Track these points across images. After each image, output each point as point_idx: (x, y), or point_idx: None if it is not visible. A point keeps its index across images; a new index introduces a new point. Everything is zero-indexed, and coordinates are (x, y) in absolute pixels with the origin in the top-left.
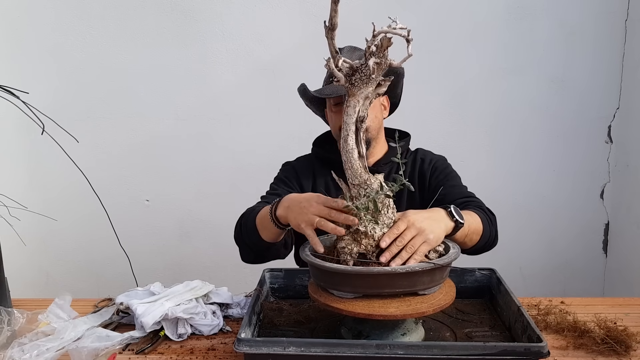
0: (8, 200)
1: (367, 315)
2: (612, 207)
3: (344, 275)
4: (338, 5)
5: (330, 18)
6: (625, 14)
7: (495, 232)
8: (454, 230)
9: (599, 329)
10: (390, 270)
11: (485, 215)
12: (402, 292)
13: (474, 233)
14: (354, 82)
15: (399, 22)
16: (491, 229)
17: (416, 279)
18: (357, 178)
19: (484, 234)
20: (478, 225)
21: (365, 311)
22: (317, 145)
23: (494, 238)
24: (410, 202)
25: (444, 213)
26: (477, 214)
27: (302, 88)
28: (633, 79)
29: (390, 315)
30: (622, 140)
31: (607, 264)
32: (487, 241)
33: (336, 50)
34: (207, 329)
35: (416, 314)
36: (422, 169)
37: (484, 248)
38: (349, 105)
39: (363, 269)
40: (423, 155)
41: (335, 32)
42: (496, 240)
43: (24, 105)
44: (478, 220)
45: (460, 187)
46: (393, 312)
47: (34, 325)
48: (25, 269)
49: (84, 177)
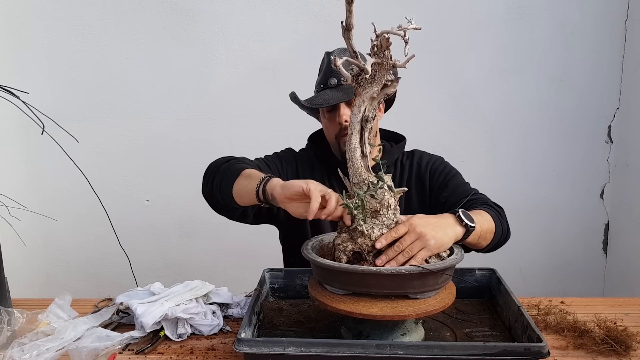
0: (8, 200)
1: (349, 312)
2: (612, 207)
3: (332, 272)
4: (352, 6)
5: (346, 19)
6: (625, 14)
7: (507, 226)
8: (466, 234)
9: (599, 329)
10: (375, 270)
11: (494, 210)
12: (391, 293)
13: (487, 232)
14: (360, 82)
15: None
16: (502, 224)
17: (404, 282)
18: (356, 177)
19: (496, 231)
20: (490, 224)
21: (348, 309)
22: (312, 142)
23: (507, 232)
24: (408, 206)
25: (452, 219)
26: (486, 212)
27: (294, 96)
28: (633, 79)
29: (370, 315)
30: (622, 140)
31: (607, 264)
32: (500, 237)
33: (354, 50)
34: (207, 329)
35: (397, 317)
36: (420, 173)
37: (499, 244)
38: (355, 104)
39: (349, 267)
40: (420, 158)
41: (352, 32)
42: (509, 234)
43: (24, 105)
44: (489, 219)
45: (463, 185)
46: (374, 312)
47: (34, 325)
48: (25, 269)
49: (84, 177)
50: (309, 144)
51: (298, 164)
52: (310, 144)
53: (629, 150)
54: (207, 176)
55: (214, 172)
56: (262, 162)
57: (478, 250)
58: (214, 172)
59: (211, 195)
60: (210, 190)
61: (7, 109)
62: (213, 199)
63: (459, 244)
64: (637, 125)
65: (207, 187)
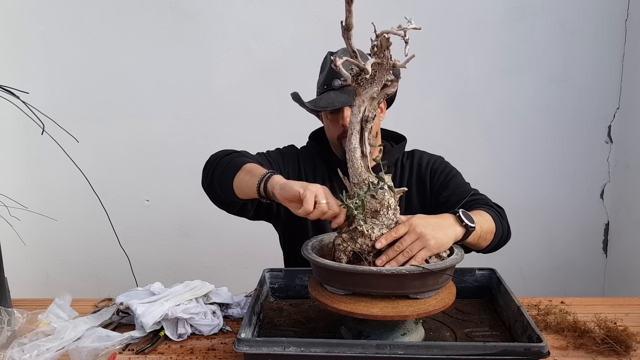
0: (8, 200)
1: (349, 312)
2: (612, 207)
3: (332, 272)
4: (352, 6)
5: (346, 18)
6: (625, 14)
7: (507, 226)
8: (466, 235)
9: (599, 329)
10: (376, 270)
11: (494, 211)
12: (392, 293)
13: (487, 233)
14: (360, 82)
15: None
16: (503, 224)
17: (405, 282)
18: (356, 177)
19: (497, 231)
20: (490, 225)
21: (349, 309)
22: (314, 139)
23: (507, 232)
24: (408, 206)
25: (452, 219)
26: (487, 213)
27: (296, 96)
28: (633, 79)
29: (371, 315)
30: (622, 140)
31: (607, 264)
32: (501, 237)
33: (354, 49)
34: (207, 329)
35: (398, 317)
36: (420, 173)
37: (499, 245)
38: (354, 104)
39: (349, 267)
40: (420, 158)
41: (351, 32)
42: (510, 234)
43: (24, 105)
44: (489, 219)
45: (464, 185)
46: (374, 312)
47: (34, 325)
48: (25, 268)
49: (84, 177)
50: (310, 142)
51: (300, 161)
52: (311, 142)
53: (629, 150)
54: (207, 168)
55: (214, 165)
56: (263, 157)
57: (478, 250)
58: (214, 165)
59: (210, 187)
60: (210, 182)
61: (7, 109)
62: (212, 191)
63: (458, 244)
64: (637, 125)
65: (207, 179)
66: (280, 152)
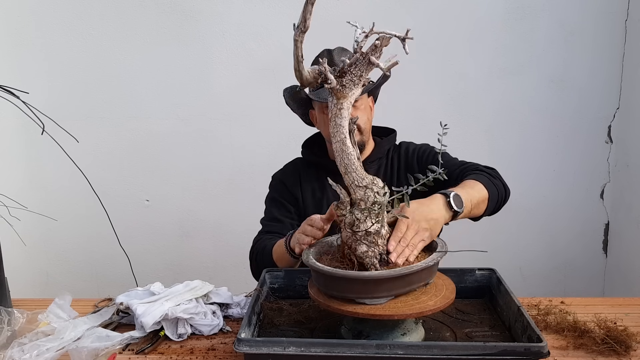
0: (8, 200)
1: (352, 313)
2: (612, 207)
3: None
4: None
5: (304, 19)
6: (625, 14)
7: (502, 185)
8: (454, 216)
9: (599, 329)
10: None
11: (486, 176)
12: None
13: (480, 202)
14: (345, 83)
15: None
16: (497, 185)
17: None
18: (363, 180)
19: (491, 196)
20: (482, 194)
21: (351, 309)
22: (306, 147)
23: (504, 192)
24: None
25: (442, 203)
26: (477, 181)
27: (297, 89)
28: (633, 79)
29: (375, 315)
30: (622, 140)
31: (607, 264)
32: (498, 199)
33: (302, 54)
34: (207, 329)
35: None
36: (407, 161)
37: (500, 205)
38: (342, 107)
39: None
40: (406, 149)
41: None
42: (508, 191)
43: (24, 105)
44: (480, 187)
45: (451, 160)
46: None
47: (34, 325)
48: (25, 268)
49: (84, 177)
50: (304, 151)
51: (287, 186)
52: (305, 150)
53: (629, 150)
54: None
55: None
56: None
57: (480, 217)
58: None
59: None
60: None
61: (7, 109)
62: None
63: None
64: (637, 125)
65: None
66: (273, 200)
